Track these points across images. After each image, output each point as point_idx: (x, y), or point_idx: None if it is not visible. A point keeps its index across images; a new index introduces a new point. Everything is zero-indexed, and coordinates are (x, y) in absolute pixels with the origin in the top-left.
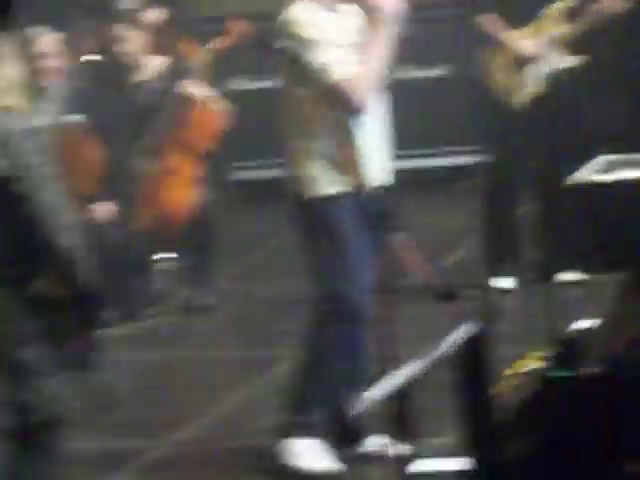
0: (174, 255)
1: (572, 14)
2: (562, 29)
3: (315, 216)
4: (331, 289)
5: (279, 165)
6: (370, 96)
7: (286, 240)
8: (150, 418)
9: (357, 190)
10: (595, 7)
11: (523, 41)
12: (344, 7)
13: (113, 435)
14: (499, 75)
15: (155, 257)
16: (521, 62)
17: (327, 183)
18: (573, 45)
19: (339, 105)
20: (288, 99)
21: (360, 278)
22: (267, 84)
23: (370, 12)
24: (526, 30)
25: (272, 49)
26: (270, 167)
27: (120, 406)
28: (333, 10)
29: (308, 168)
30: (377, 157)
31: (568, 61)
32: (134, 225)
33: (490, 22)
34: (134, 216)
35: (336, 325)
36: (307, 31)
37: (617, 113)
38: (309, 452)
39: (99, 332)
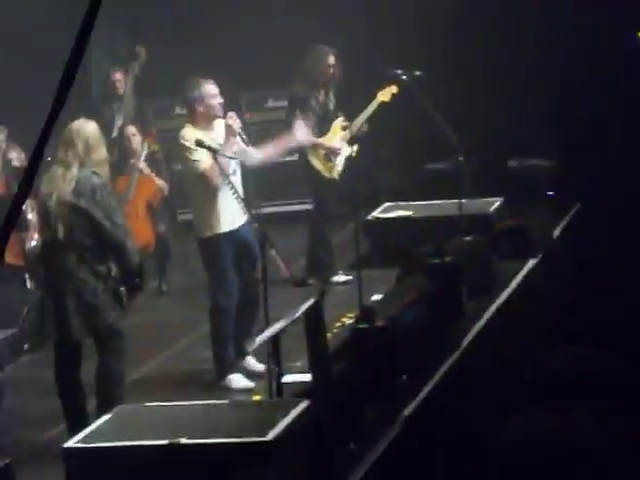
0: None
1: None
2: (346, 133)
3: (205, 250)
4: (215, 296)
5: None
6: (229, 171)
7: None
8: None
9: (232, 229)
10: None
11: (329, 141)
12: (215, 123)
13: None
14: (314, 159)
15: None
16: (329, 153)
17: (212, 227)
18: (355, 140)
19: (207, 181)
20: (186, 180)
21: (229, 289)
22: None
23: (227, 127)
24: (328, 134)
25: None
26: None
27: None
28: (207, 127)
29: (201, 217)
30: (238, 207)
31: (353, 149)
32: None
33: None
34: None
35: (218, 314)
36: (188, 142)
37: (392, 178)
38: (234, 379)
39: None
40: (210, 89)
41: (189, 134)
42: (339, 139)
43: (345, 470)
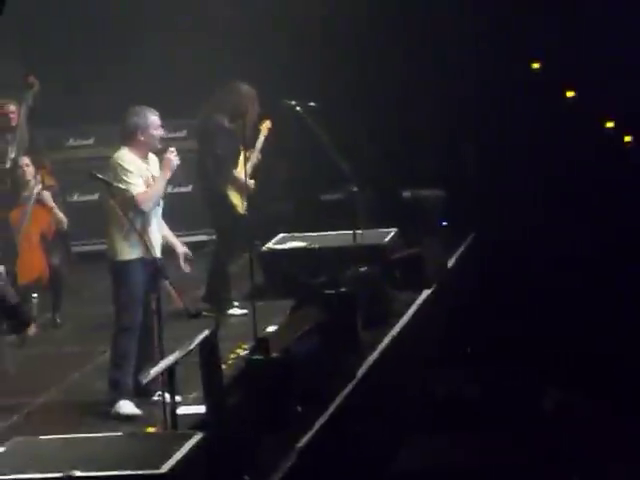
0: (36, 295)
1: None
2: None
3: (117, 272)
4: (120, 317)
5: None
6: (153, 201)
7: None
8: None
9: (143, 256)
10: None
11: (240, 175)
12: (150, 156)
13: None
14: (232, 195)
15: (33, 295)
16: (244, 188)
17: (127, 251)
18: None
19: (136, 206)
20: (105, 204)
21: (135, 312)
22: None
23: (162, 161)
24: (238, 169)
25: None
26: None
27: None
28: (143, 157)
29: (118, 240)
30: (158, 237)
31: (252, 185)
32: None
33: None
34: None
35: (122, 334)
36: (123, 167)
37: (286, 209)
38: (124, 405)
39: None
40: (155, 120)
41: (127, 157)
42: (244, 174)
43: None
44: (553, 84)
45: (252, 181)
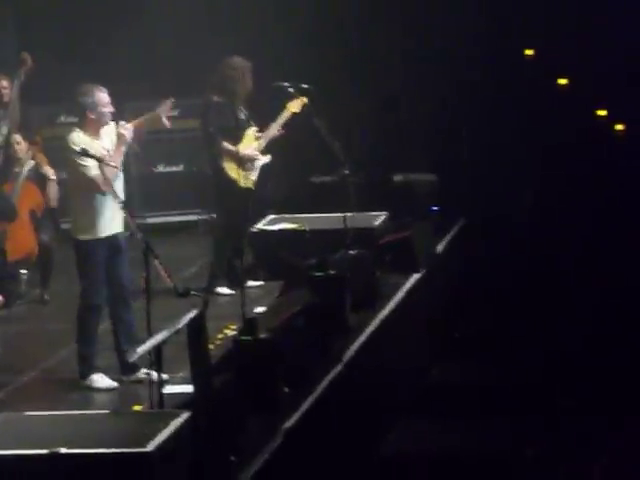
0: (26, 271)
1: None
2: (260, 141)
3: (80, 250)
4: (85, 294)
5: None
6: (113, 179)
7: None
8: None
9: (108, 235)
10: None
11: (243, 149)
12: (103, 130)
13: None
14: (230, 169)
15: (22, 272)
16: (244, 162)
17: (89, 230)
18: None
19: (93, 186)
20: (70, 183)
21: (99, 289)
22: None
23: (119, 135)
24: (242, 143)
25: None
26: None
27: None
28: (95, 134)
29: (79, 220)
30: (118, 215)
31: (266, 159)
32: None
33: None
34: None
35: (86, 312)
36: (77, 148)
37: (277, 190)
38: (97, 379)
39: None
40: (103, 97)
41: (78, 139)
42: (253, 148)
43: None
44: (546, 71)
45: (266, 156)
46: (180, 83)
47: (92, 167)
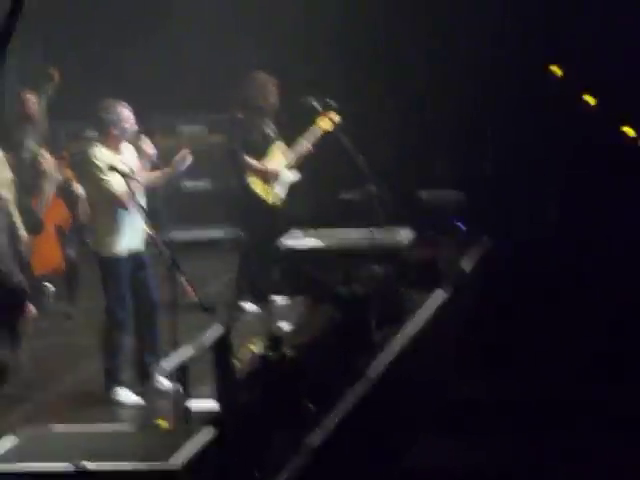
0: (52, 286)
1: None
2: (288, 157)
3: (103, 266)
4: (110, 309)
5: None
6: (135, 196)
7: None
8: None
9: (131, 251)
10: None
11: (269, 165)
12: (123, 145)
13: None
14: (255, 184)
15: (48, 286)
16: (269, 178)
17: (112, 246)
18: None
19: (117, 202)
20: (91, 198)
21: (123, 303)
22: None
23: (142, 152)
24: (267, 159)
25: None
26: None
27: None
28: (116, 149)
29: (103, 236)
30: (142, 231)
31: (295, 175)
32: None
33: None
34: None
35: (110, 326)
36: (101, 163)
37: (303, 207)
38: (122, 393)
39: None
40: (125, 112)
41: (101, 154)
42: (278, 164)
43: None
44: (571, 89)
45: (292, 173)
46: (207, 98)
47: (116, 182)
